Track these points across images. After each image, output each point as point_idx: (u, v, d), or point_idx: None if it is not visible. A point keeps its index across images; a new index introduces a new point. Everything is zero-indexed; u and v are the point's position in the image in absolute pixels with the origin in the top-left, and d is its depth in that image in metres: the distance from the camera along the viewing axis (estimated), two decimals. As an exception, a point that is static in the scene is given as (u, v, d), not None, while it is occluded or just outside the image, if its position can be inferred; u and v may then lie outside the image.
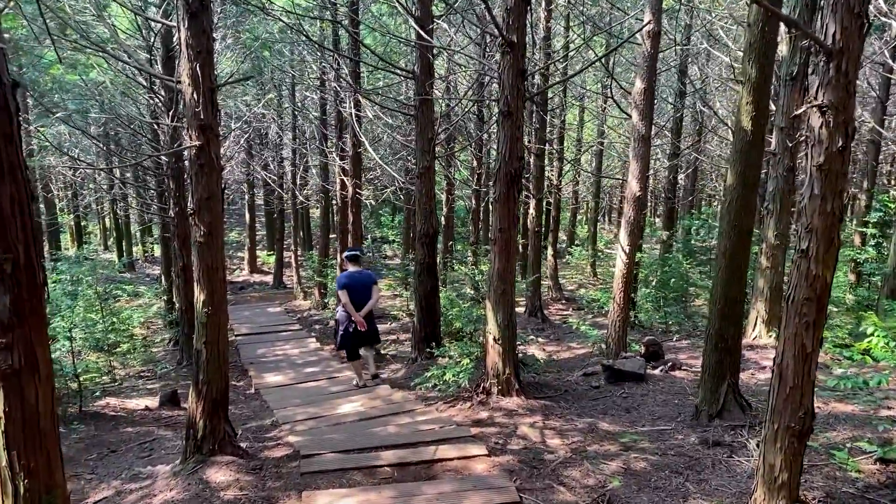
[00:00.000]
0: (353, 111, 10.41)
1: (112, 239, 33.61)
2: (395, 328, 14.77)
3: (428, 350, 9.50)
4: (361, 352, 8.96)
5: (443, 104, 12.17)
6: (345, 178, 12.58)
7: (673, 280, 13.07)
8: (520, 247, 17.85)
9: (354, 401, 8.16)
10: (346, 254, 8.95)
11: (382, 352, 11.69)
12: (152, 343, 14.64)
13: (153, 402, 9.18)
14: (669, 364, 8.31)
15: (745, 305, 6.42)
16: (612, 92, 10.94)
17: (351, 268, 8.68)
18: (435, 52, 9.22)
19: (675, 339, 10.70)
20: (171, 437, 7.45)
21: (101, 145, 15.70)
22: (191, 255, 11.49)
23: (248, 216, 26.96)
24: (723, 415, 6.16)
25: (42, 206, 24.37)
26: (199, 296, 5.53)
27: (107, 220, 35.65)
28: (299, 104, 19.39)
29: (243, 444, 6.48)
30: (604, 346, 8.63)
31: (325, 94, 14.56)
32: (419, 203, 9.34)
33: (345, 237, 12.97)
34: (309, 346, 12.98)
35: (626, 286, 8.05)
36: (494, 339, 7.10)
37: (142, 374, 11.50)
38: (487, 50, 11.83)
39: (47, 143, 14.70)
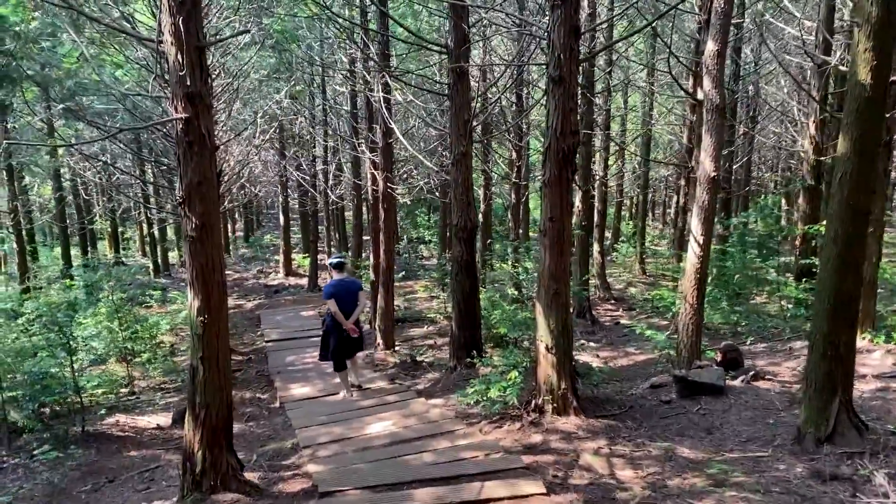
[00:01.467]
0: (382, 95, 9.41)
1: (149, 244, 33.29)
2: (432, 332, 13.75)
3: (468, 358, 8.46)
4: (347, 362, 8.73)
5: (480, 82, 11.06)
6: (375, 172, 11.59)
7: (737, 276, 11.80)
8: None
9: (386, 418, 7.15)
10: (330, 261, 8.81)
11: (419, 359, 10.70)
12: (178, 351, 13.87)
13: (167, 419, 8.32)
14: (751, 373, 7.12)
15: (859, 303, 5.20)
16: (669, 65, 9.72)
17: (336, 275, 8.52)
18: (471, 21, 8.17)
19: (748, 343, 9.47)
20: (178, 463, 6.54)
21: (126, 146, 14.96)
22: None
23: (282, 218, 26.23)
24: (834, 439, 4.99)
25: (73, 209, 24.03)
26: (192, 302, 4.58)
27: (144, 224, 35.40)
28: (330, 99, 18.53)
29: (255, 475, 5.53)
30: (672, 352, 7.49)
31: (356, 85, 13.61)
32: (455, 193, 8.30)
33: (377, 236, 11.99)
34: (340, 354, 12.04)
35: (699, 283, 6.89)
36: (547, 348, 6.03)
37: (163, 385, 10.69)
38: (531, 15, 10.61)
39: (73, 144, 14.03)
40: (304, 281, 24.28)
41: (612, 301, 16.94)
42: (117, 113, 14.25)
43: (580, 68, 6.00)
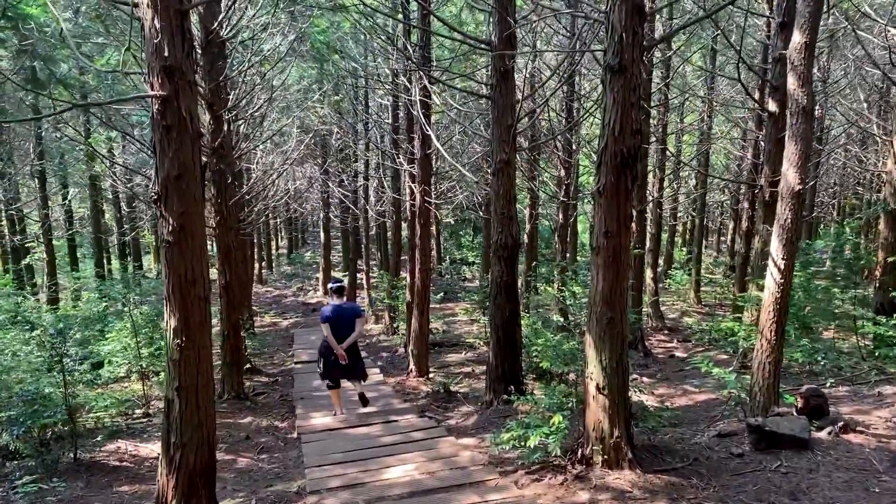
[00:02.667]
0: (420, 98, 8.62)
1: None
2: (470, 359, 12.82)
3: (506, 393, 7.51)
4: (351, 384, 8.71)
5: (526, 83, 10.10)
6: (412, 185, 10.81)
7: (807, 308, 10.56)
8: None
9: (408, 460, 6.25)
10: (330, 286, 8.70)
11: (453, 389, 9.80)
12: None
13: (172, 447, 7.56)
14: (839, 424, 6.00)
15: None
16: (738, 71, 8.69)
17: (335, 300, 8.37)
18: (517, 15, 7.32)
19: (827, 385, 8.29)
20: None
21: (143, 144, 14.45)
22: (232, 270, 10.01)
23: (322, 235, 25.72)
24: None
25: (114, 222, 23.89)
26: (167, 320, 3.79)
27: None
28: (373, 112, 17.91)
29: (248, 527, 4.69)
30: (743, 395, 6.42)
31: (398, 95, 12.90)
32: (495, 207, 7.42)
33: (412, 254, 11.18)
34: (371, 379, 11.15)
35: (779, 315, 5.84)
36: (598, 388, 5.07)
37: (179, 407, 9.98)
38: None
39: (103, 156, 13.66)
40: (359, 305, 23.68)
41: (666, 331, 15.76)
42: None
43: (643, 58, 5.08)
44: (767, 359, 6.03)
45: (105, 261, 23.39)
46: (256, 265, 31.53)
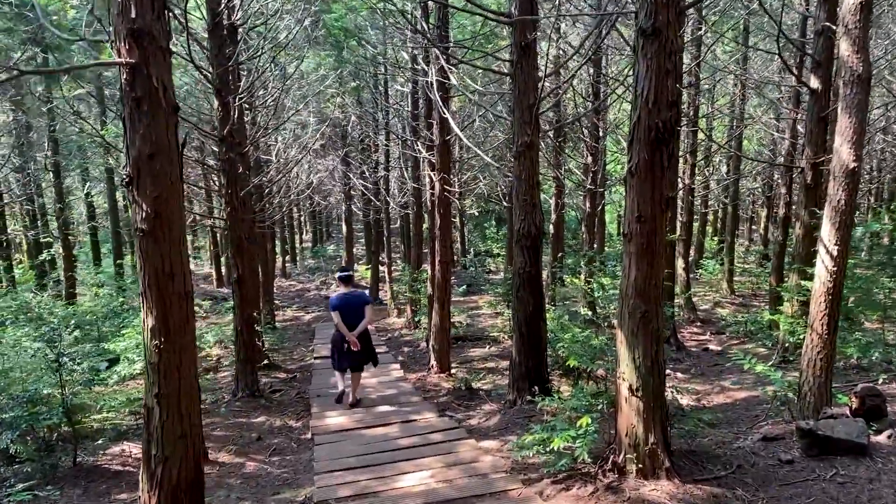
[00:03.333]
0: (437, 79, 8.13)
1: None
2: (494, 353, 12.34)
3: (531, 391, 7.04)
4: (348, 374, 8.71)
5: (549, 56, 9.48)
6: (431, 174, 10.34)
7: (852, 298, 9.90)
8: None
9: (424, 466, 5.80)
10: (337, 275, 8.86)
11: (475, 386, 9.34)
12: (221, 366, 12.93)
13: (180, 449, 7.21)
14: (900, 426, 5.43)
15: None
16: (778, 45, 8.07)
17: (343, 289, 8.53)
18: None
19: (880, 382, 7.67)
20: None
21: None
22: (246, 263, 9.64)
23: (344, 228, 25.42)
24: None
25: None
26: (144, 319, 3.37)
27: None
28: (392, 100, 17.45)
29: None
30: (791, 394, 5.87)
31: (417, 80, 12.43)
32: (517, 192, 6.92)
33: (432, 245, 10.72)
34: (391, 375, 10.80)
35: (831, 307, 5.27)
36: (631, 389, 4.57)
37: (192, 406, 9.65)
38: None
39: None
40: (366, 293, 23.32)
41: (699, 323, 15.12)
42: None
43: (679, 21, 4.54)
44: (818, 354, 5.47)
45: (131, 255, 23.32)
46: (280, 259, 31.36)
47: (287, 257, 33.87)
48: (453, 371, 10.87)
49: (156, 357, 3.33)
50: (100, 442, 6.99)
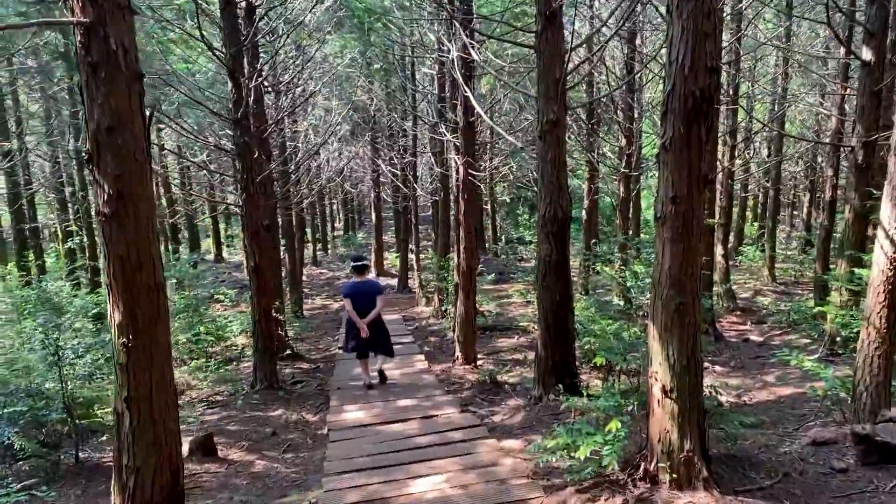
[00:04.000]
0: (457, 54, 7.66)
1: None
2: (523, 344, 11.89)
3: (556, 388, 6.59)
4: (372, 355, 8.95)
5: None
6: (456, 157, 9.90)
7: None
8: None
9: (440, 469, 5.41)
10: (352, 263, 9.02)
11: (500, 379, 8.92)
12: (245, 356, 12.71)
13: (186, 446, 6.92)
14: (969, 432, 4.86)
15: None
16: (828, 16, 7.42)
17: (356, 277, 8.68)
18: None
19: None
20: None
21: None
22: (264, 251, 9.32)
23: (373, 215, 25.11)
24: None
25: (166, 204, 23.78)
26: (111, 315, 3.02)
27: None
28: (419, 84, 17.01)
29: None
30: (843, 394, 5.34)
31: (443, 62, 11.96)
32: (542, 174, 6.44)
33: (458, 231, 10.28)
34: (414, 366, 10.43)
35: (892, 297, 4.72)
36: (665, 391, 4.10)
37: (211, 397, 9.41)
38: None
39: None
40: (395, 281, 22.98)
41: (738, 312, 14.45)
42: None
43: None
44: (876, 351, 4.92)
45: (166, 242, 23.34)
46: (311, 247, 31.24)
47: (319, 245, 33.75)
48: (479, 362, 10.47)
49: (124, 357, 2.98)
50: (105, 437, 6.73)
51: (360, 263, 8.80)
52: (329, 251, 35.44)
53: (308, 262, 29.85)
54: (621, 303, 7.08)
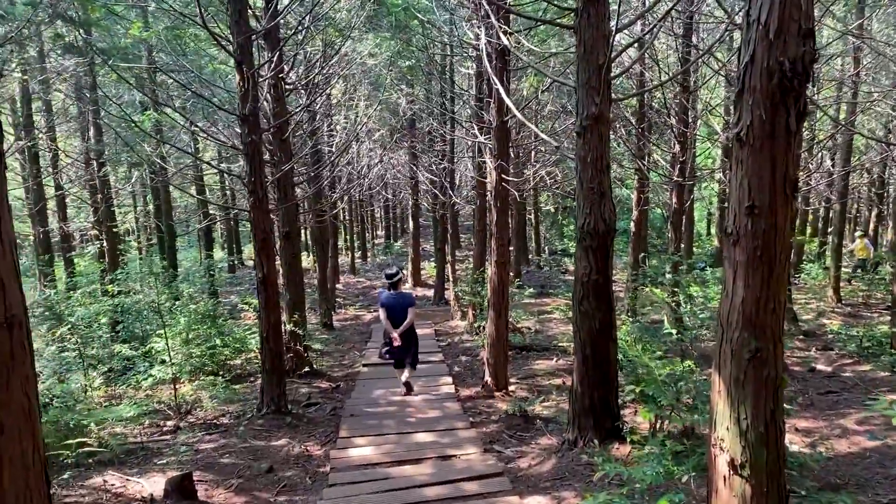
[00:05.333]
0: (486, 40, 6.70)
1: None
2: (562, 367, 10.81)
3: (595, 431, 5.55)
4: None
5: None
6: (489, 160, 8.93)
7: None
8: None
9: (447, 536, 4.43)
10: (385, 280, 9.35)
11: (532, 411, 7.89)
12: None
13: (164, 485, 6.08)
14: None
15: None
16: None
17: (390, 290, 9.09)
18: None
19: None
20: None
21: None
22: (272, 261, 8.50)
23: (411, 224, 24.29)
24: None
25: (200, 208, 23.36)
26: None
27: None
28: (457, 87, 16.13)
29: None
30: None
31: (480, 55, 11.04)
32: (581, 178, 5.41)
33: (490, 242, 9.31)
34: (440, 390, 9.50)
35: None
36: (733, 466, 3.06)
37: (215, 420, 8.61)
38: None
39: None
40: (431, 292, 22.08)
41: (801, 337, 13.06)
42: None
43: None
44: None
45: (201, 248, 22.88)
46: (349, 254, 30.61)
47: (358, 253, 33.13)
48: (512, 387, 9.47)
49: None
50: (84, 467, 5.96)
51: (393, 279, 9.17)
52: (369, 259, 34.77)
53: (346, 271, 29.21)
54: (674, 332, 6.02)
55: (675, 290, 6.28)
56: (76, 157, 16.00)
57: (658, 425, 5.16)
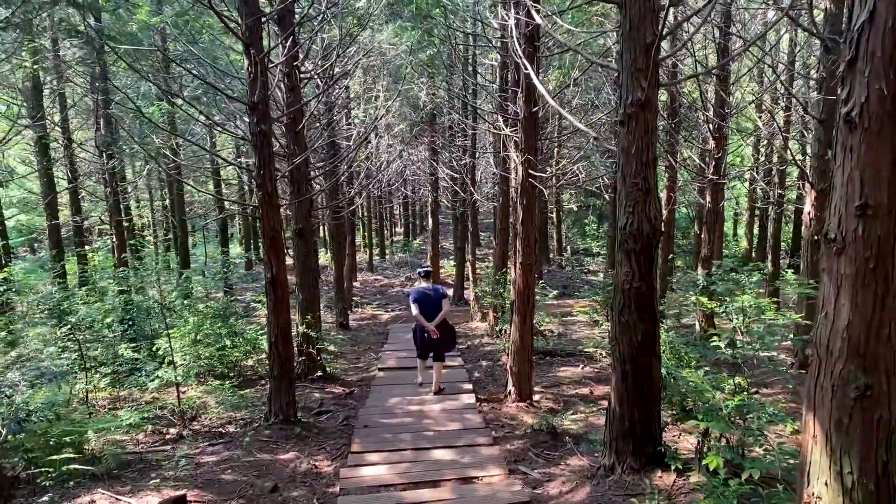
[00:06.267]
0: (517, 18, 6.08)
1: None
2: (589, 375, 10.19)
3: (635, 458, 4.93)
4: (429, 362, 9.35)
5: None
6: (514, 154, 8.32)
7: None
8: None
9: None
10: (419, 270, 9.41)
11: (560, 426, 7.27)
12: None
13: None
14: None
15: None
16: None
17: (423, 283, 8.99)
18: None
19: None
20: None
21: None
22: (282, 260, 7.94)
23: (430, 221, 23.67)
24: None
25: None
26: None
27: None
28: (481, 77, 15.50)
29: None
30: None
31: (506, 41, 10.42)
32: (624, 173, 4.77)
33: (514, 242, 8.69)
34: (460, 400, 8.91)
35: None
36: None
37: (221, 428, 8.08)
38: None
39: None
40: (451, 292, 21.48)
41: None
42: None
43: None
44: None
45: (223, 243, 22.41)
46: (367, 252, 30.10)
47: (376, 251, 32.63)
48: (536, 397, 8.85)
49: None
50: (72, 485, 5.44)
51: (425, 270, 9.26)
52: (387, 257, 34.24)
53: (363, 269, 28.69)
54: (727, 349, 5.33)
55: (720, 298, 5.62)
56: (90, 149, 15.62)
57: (703, 445, 4.53)
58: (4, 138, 9.45)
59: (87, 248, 13.77)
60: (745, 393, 4.70)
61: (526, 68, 6.27)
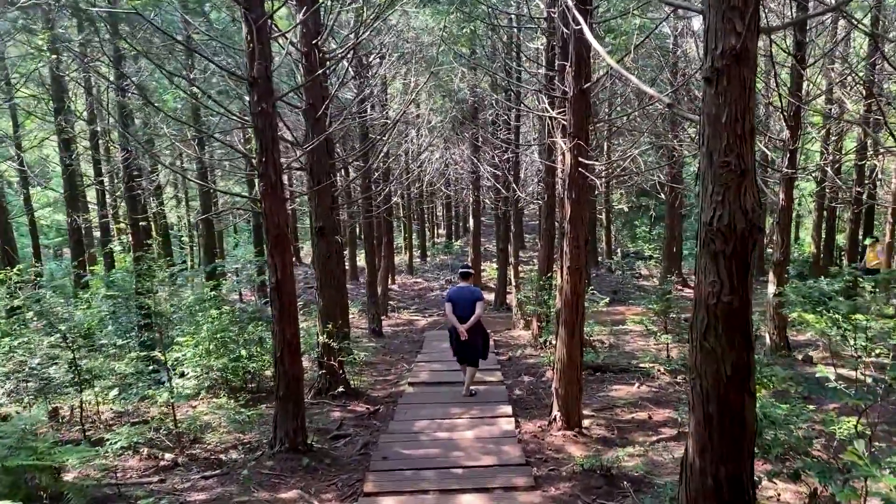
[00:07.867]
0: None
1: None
2: (646, 396, 8.86)
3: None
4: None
5: None
6: (561, 141, 7.08)
7: None
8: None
9: None
10: (459, 270, 9.23)
11: (616, 468, 5.99)
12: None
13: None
14: None
15: None
16: None
17: (461, 283, 8.85)
18: None
19: None
20: None
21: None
22: (287, 262, 6.85)
23: (471, 222, 22.49)
24: None
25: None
26: None
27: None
28: (525, 62, 14.27)
29: None
30: None
31: (551, 13, 9.21)
32: (709, 149, 3.48)
33: (562, 243, 7.45)
34: (496, 424, 7.73)
35: None
36: None
37: (222, 453, 7.05)
38: None
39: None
40: (492, 296, 20.19)
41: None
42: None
43: None
44: None
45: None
46: (407, 254, 29.07)
47: (418, 252, 31.59)
48: (586, 423, 7.60)
49: None
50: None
51: (465, 271, 9.10)
52: (428, 259, 33.13)
53: (403, 271, 27.65)
54: (839, 382, 4.05)
55: (844, 318, 4.30)
56: (113, 145, 14.90)
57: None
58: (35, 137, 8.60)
59: (105, 248, 13.04)
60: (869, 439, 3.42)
61: (580, 23, 5.03)
